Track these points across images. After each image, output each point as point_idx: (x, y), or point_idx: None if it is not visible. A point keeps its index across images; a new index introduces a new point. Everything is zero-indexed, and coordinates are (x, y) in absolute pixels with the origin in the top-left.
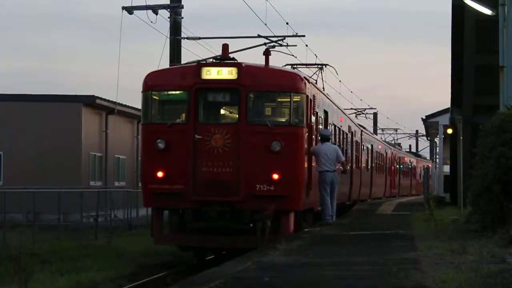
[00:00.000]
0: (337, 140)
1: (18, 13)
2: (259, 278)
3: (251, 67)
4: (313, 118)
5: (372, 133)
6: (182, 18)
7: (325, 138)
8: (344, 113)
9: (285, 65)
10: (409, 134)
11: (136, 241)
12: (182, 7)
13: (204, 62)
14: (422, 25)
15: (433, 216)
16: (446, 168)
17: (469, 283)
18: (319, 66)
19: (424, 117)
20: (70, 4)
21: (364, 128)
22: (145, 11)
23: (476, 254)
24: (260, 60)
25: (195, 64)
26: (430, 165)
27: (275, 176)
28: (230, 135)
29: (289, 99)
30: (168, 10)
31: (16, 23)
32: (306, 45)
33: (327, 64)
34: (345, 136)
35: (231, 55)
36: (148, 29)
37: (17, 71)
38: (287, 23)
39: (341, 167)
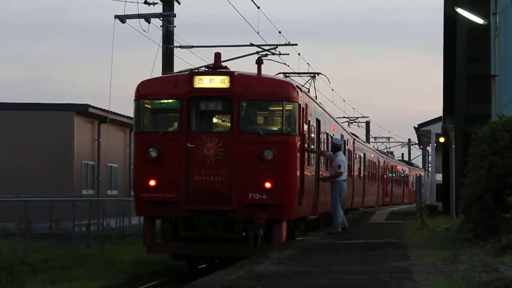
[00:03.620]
0: (329, 148)
1: (10, 22)
2: (251, 287)
3: (243, 75)
4: (306, 127)
5: (364, 142)
6: (175, 26)
7: (339, 148)
8: (336, 121)
9: (277, 74)
10: (401, 142)
11: (128, 250)
12: (175, 15)
13: (197, 70)
14: (414, 34)
15: (425, 225)
16: (439, 177)
17: None
18: (312, 74)
19: (416, 126)
20: (62, 13)
21: (357, 136)
22: (137, 19)
23: (468, 263)
24: (252, 69)
25: (187, 72)
26: (422, 174)
27: (268, 185)
28: (222, 143)
29: (281, 108)
30: (161, 18)
31: (8, 33)
32: (299, 54)
33: (320, 73)
34: None
35: (223, 64)
36: (141, 38)
37: (10, 80)
38: (279, 32)
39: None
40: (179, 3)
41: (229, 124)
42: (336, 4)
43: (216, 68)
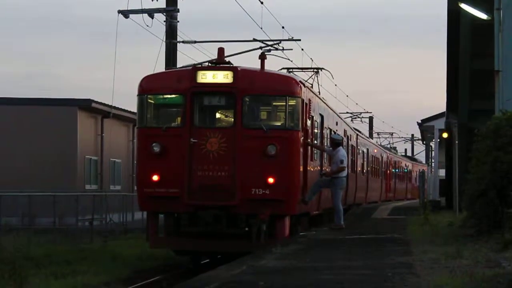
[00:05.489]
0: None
1: (13, 17)
2: (254, 282)
3: (246, 71)
4: (309, 122)
5: (367, 137)
6: (178, 22)
7: (339, 143)
8: (339, 117)
9: (280, 69)
10: (404, 138)
11: (131, 245)
12: (178, 11)
13: (200, 66)
14: (418, 29)
15: (429, 220)
16: (442, 172)
17: None
18: (315, 70)
19: (419, 121)
20: (65, 8)
21: (360, 132)
22: (141, 15)
23: (471, 259)
24: (255, 64)
25: (190, 67)
26: (425, 169)
27: (271, 180)
28: (225, 139)
29: (284, 103)
30: (164, 14)
31: (11, 27)
32: (302, 49)
33: (323, 68)
34: None
35: (226, 59)
36: (144, 33)
37: (13, 75)
38: (283, 27)
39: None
40: None
41: (232, 119)
42: None
43: (219, 63)
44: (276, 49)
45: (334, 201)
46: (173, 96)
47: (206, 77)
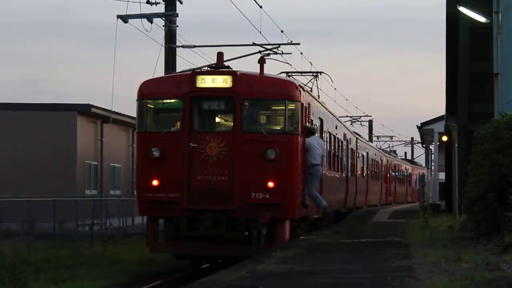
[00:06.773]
0: (332, 147)
1: (12, 22)
2: (254, 286)
3: (246, 75)
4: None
5: (367, 141)
6: (177, 26)
7: (312, 132)
8: (339, 120)
9: (280, 73)
10: (404, 141)
11: (131, 249)
12: (177, 15)
13: (199, 70)
14: (417, 32)
15: (428, 224)
16: (442, 176)
17: None
18: (314, 74)
19: (419, 125)
20: (64, 12)
21: (359, 135)
22: (140, 19)
23: (471, 262)
24: (255, 68)
25: (190, 72)
26: (425, 172)
27: (270, 184)
28: (225, 143)
29: (284, 107)
30: (163, 18)
31: (10, 32)
32: (301, 53)
33: (322, 72)
34: (340, 144)
35: (226, 63)
36: (143, 38)
37: (12, 80)
38: (282, 31)
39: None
40: (181, 3)
41: (232, 123)
42: (338, 3)
43: (218, 67)
44: (275, 53)
45: (308, 189)
46: (173, 100)
47: (206, 81)
